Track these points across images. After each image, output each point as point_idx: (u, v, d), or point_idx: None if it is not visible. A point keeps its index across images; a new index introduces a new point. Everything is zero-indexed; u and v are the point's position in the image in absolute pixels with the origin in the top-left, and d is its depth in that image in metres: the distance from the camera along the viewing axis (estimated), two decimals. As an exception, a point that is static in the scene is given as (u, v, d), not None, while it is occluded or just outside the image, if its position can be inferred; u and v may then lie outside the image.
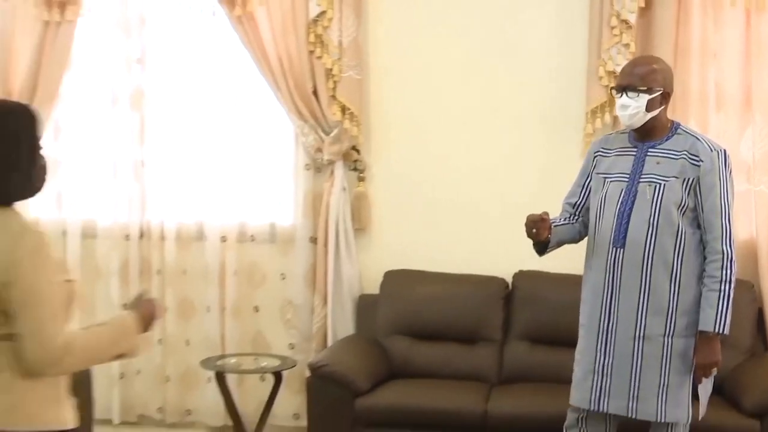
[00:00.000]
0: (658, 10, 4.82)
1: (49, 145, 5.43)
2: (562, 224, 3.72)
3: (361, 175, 5.29)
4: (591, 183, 3.72)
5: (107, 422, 5.50)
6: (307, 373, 4.64)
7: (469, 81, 5.13)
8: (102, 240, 5.57)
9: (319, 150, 5.21)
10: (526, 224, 3.53)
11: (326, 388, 4.49)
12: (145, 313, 2.70)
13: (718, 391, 4.43)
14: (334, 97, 5.16)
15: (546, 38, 5.01)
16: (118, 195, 5.54)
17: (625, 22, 4.79)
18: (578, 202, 3.76)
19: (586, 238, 3.75)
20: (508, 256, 4.93)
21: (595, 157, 3.75)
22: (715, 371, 3.56)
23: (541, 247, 3.67)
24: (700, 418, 3.61)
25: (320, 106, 5.18)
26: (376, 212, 5.30)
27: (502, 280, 5.00)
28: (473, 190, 5.16)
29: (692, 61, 4.83)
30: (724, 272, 3.48)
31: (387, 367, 4.83)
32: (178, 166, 5.54)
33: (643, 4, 4.79)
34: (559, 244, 3.71)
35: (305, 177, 5.34)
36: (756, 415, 4.16)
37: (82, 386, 4.48)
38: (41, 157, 2.55)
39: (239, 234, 5.47)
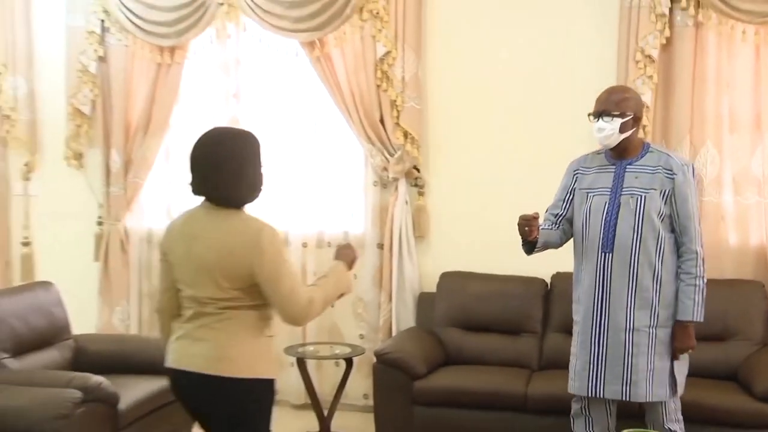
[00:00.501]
0: (678, 46, 4.80)
1: (161, 166, 5.72)
2: (547, 229, 3.74)
3: (421, 190, 5.33)
4: (573, 198, 3.73)
5: (207, 399, 5.62)
6: (374, 360, 4.67)
7: (513, 109, 5.15)
8: (204, 246, 5.70)
9: (385, 169, 5.28)
10: (519, 223, 3.56)
11: (389, 373, 4.52)
12: (348, 257, 3.09)
13: (732, 377, 4.44)
14: (397, 124, 5.21)
15: (582, 72, 5.00)
16: (217, 208, 5.68)
17: (649, 56, 4.78)
18: (560, 213, 3.77)
19: (573, 247, 3.76)
20: (547, 260, 4.79)
21: (575, 175, 3.76)
22: (690, 352, 3.61)
23: (530, 246, 3.70)
24: (680, 394, 3.63)
25: (386, 132, 5.24)
26: (433, 222, 5.34)
27: (542, 281, 5.00)
28: (517, 203, 5.06)
29: (708, 90, 4.80)
30: (697, 269, 3.52)
31: (442, 354, 4.84)
32: (267, 183, 5.64)
33: (664, 41, 4.78)
34: (545, 247, 3.72)
35: (373, 192, 5.40)
36: (765, 400, 4.09)
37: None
38: (261, 174, 2.87)
39: (318, 240, 5.54)
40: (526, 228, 3.55)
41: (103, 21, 5.69)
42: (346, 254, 3.10)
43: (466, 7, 5.25)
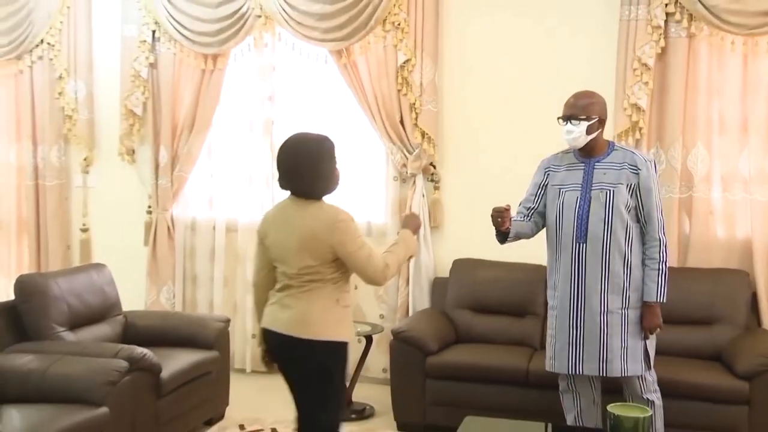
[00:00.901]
0: (672, 56, 4.72)
1: (203, 161, 5.74)
2: (519, 221, 3.72)
3: (436, 185, 5.30)
4: (545, 193, 3.70)
5: (242, 371, 5.64)
6: (391, 337, 4.65)
7: (520, 111, 5.11)
8: (241, 233, 5.70)
9: (404, 166, 5.25)
10: (492, 214, 3.56)
11: (405, 349, 4.49)
12: (413, 224, 3.31)
13: (717, 358, 4.37)
14: (416, 125, 5.19)
15: (584, 78, 4.89)
16: (254, 199, 5.68)
17: (645, 65, 4.71)
18: (532, 207, 3.75)
19: (546, 238, 3.75)
20: None
21: (546, 172, 3.74)
22: (658, 331, 3.59)
23: (503, 236, 3.68)
24: (651, 367, 3.63)
25: (405, 132, 5.21)
26: (447, 214, 5.31)
27: (545, 267, 4.86)
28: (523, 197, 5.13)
29: (700, 95, 4.72)
30: (660, 254, 3.52)
31: (453, 333, 4.81)
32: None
33: (659, 51, 4.71)
34: (517, 237, 3.70)
35: (393, 186, 5.38)
36: (746, 378, 4.03)
37: (222, 343, 4.68)
38: (336, 170, 3.11)
39: (344, 229, 5.54)
40: (499, 219, 3.56)
41: (154, 32, 5.73)
42: (411, 222, 3.33)
43: (478, 19, 5.20)
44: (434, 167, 5.27)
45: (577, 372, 3.58)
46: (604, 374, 3.55)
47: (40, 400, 3.46)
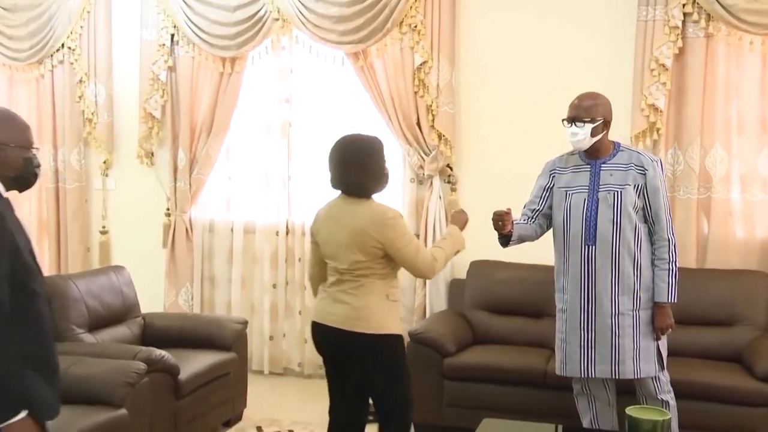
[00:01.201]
0: (690, 55, 4.69)
1: (222, 164, 5.75)
2: (522, 224, 3.70)
3: (453, 186, 5.28)
4: (550, 195, 3.67)
5: (259, 373, 5.65)
6: (408, 339, 4.65)
7: (537, 113, 5.07)
8: (259, 234, 5.71)
9: (421, 167, 5.24)
10: (493, 218, 3.55)
11: (422, 350, 4.46)
12: (461, 221, 3.46)
13: (737, 359, 4.32)
14: (432, 126, 5.17)
15: (602, 79, 4.88)
16: (271, 201, 5.69)
17: (663, 65, 4.67)
18: (536, 209, 3.72)
19: (553, 241, 3.72)
20: None
21: (551, 174, 3.71)
22: (669, 331, 3.55)
23: (505, 240, 3.66)
24: (665, 367, 3.58)
25: (422, 134, 5.20)
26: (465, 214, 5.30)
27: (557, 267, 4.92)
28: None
29: (718, 95, 4.68)
30: (670, 255, 3.49)
31: (470, 335, 4.79)
32: (315, 179, 5.62)
33: (677, 51, 4.67)
34: (521, 240, 3.69)
35: (410, 188, 5.37)
36: (766, 380, 3.97)
37: (240, 345, 4.69)
38: (386, 169, 3.25)
39: (361, 231, 5.53)
40: (500, 222, 3.54)
41: (172, 35, 5.75)
42: (459, 218, 3.46)
43: (495, 21, 5.19)
44: (451, 169, 5.26)
45: (590, 375, 3.55)
46: (617, 376, 3.51)
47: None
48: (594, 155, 3.57)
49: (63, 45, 5.98)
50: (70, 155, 6.04)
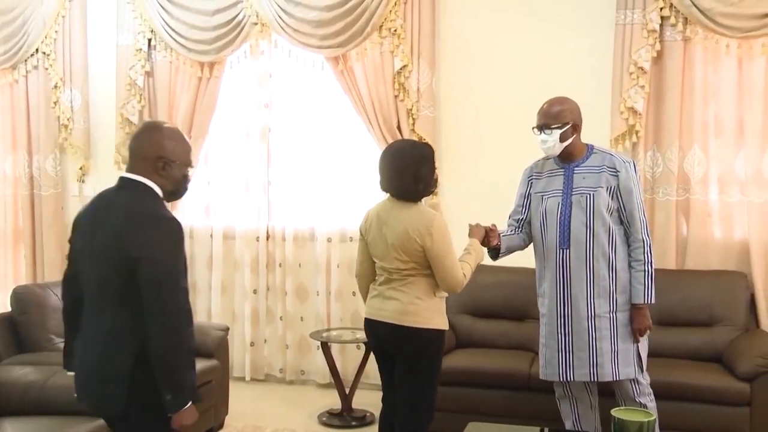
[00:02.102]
0: (668, 59, 4.72)
1: (199, 169, 5.70)
2: (510, 235, 3.71)
3: (434, 190, 5.26)
4: (530, 202, 3.68)
5: (241, 379, 5.61)
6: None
7: (518, 117, 5.03)
8: (239, 240, 5.68)
9: (402, 171, 5.23)
10: (478, 232, 3.61)
11: (406, 354, 4.47)
12: (479, 234, 3.55)
13: (717, 360, 4.35)
14: (413, 130, 5.16)
15: (581, 82, 4.92)
16: (251, 206, 5.65)
17: (642, 68, 4.70)
18: (521, 219, 3.74)
19: (533, 246, 3.73)
20: None
21: (529, 181, 3.72)
22: (648, 332, 3.53)
23: (494, 253, 3.70)
24: (644, 370, 3.57)
25: (402, 138, 5.16)
26: (446, 218, 5.16)
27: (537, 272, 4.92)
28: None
29: (696, 98, 4.71)
30: (645, 256, 3.46)
31: (453, 339, 4.76)
32: (296, 184, 5.63)
33: (655, 54, 4.70)
34: (510, 251, 3.72)
35: (391, 192, 5.37)
36: (747, 380, 4.01)
37: (221, 351, 4.64)
38: (435, 175, 3.41)
39: (341, 235, 5.50)
40: (486, 238, 3.59)
41: (149, 40, 5.70)
42: (477, 231, 3.56)
43: (475, 25, 5.19)
44: (432, 172, 5.23)
45: (569, 378, 3.54)
46: (596, 379, 3.50)
47: (39, 412, 3.42)
48: (567, 159, 3.57)
49: (37, 50, 5.91)
50: (45, 162, 5.96)
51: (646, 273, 3.45)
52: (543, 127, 3.52)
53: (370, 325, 3.46)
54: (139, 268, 2.42)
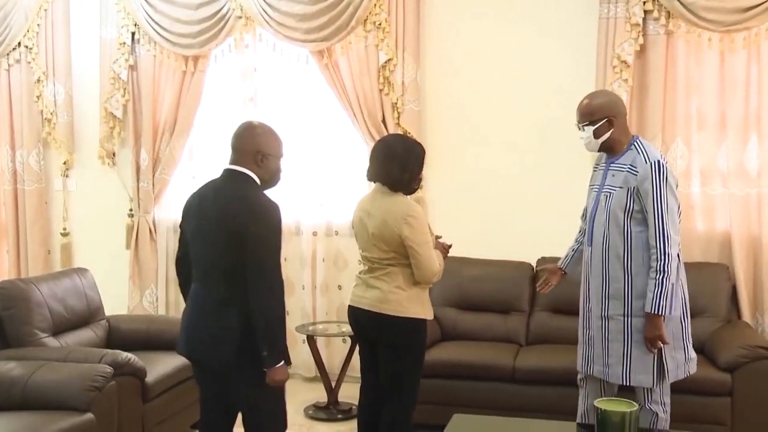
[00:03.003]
0: (651, 53, 4.75)
1: (185, 164, 5.68)
2: (574, 253, 3.72)
3: (420, 184, 5.27)
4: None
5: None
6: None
7: (502, 109, 5.12)
8: (224, 235, 5.67)
9: (387, 165, 5.23)
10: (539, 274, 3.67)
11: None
12: (440, 248, 3.57)
13: (699, 351, 4.37)
14: (398, 124, 5.16)
15: (565, 76, 4.96)
16: (236, 201, 5.64)
17: (625, 62, 4.72)
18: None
19: None
20: (533, 247, 4.91)
21: (592, 174, 3.63)
22: (660, 344, 3.29)
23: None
24: (671, 380, 3.43)
25: (387, 132, 5.16)
26: (431, 212, 5.25)
27: (529, 264, 4.94)
28: (506, 196, 5.14)
29: (679, 92, 4.75)
30: (657, 264, 3.22)
31: (439, 331, 4.79)
32: (281, 178, 5.61)
33: (638, 48, 4.73)
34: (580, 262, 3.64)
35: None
36: (728, 370, 4.06)
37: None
38: (420, 175, 3.50)
39: (326, 229, 5.51)
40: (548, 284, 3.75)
41: (133, 33, 5.67)
42: (439, 245, 3.56)
43: (459, 18, 5.20)
44: (417, 166, 5.24)
45: (588, 371, 3.51)
46: (607, 378, 3.43)
47: (24, 407, 3.40)
48: (609, 153, 3.47)
49: (20, 43, 5.86)
50: (28, 156, 5.92)
51: (657, 282, 3.22)
52: (579, 123, 3.44)
53: (353, 311, 3.57)
54: (246, 246, 2.82)
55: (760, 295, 4.68)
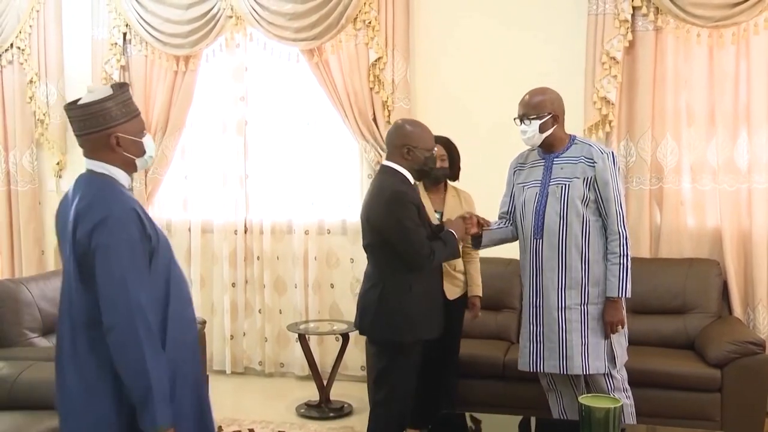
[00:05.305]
0: (640, 49, 4.75)
1: (176, 163, 5.68)
2: (497, 228, 3.72)
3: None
4: (515, 193, 3.68)
5: (221, 372, 5.62)
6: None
7: (492, 107, 5.10)
8: (217, 234, 5.68)
9: (378, 163, 5.20)
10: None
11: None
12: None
13: (689, 347, 4.39)
14: (389, 122, 5.14)
15: (554, 72, 4.93)
16: (228, 199, 5.65)
17: (614, 58, 4.72)
18: (507, 210, 3.74)
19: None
20: None
21: (514, 172, 3.71)
22: (621, 328, 3.46)
23: (475, 241, 3.71)
24: (620, 365, 3.52)
25: (378, 130, 5.20)
26: (422, 210, 5.31)
27: (520, 262, 4.93)
28: (497, 193, 5.10)
29: (668, 88, 4.74)
30: (621, 249, 3.40)
31: (430, 329, 4.80)
32: (273, 177, 5.63)
33: (627, 44, 4.73)
34: (495, 242, 3.74)
35: (368, 184, 5.26)
36: (718, 366, 4.06)
37: (200, 345, 4.61)
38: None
39: (319, 228, 5.52)
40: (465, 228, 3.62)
41: (125, 34, 5.68)
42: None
43: (449, 17, 5.20)
44: (408, 164, 5.24)
45: (539, 369, 3.53)
46: (565, 372, 3.47)
47: (11, 407, 3.40)
48: (549, 149, 3.55)
49: (12, 45, 5.87)
50: (22, 157, 5.93)
51: (622, 266, 3.39)
52: (523, 117, 3.50)
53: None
54: (382, 232, 3.33)
55: (751, 290, 4.67)
